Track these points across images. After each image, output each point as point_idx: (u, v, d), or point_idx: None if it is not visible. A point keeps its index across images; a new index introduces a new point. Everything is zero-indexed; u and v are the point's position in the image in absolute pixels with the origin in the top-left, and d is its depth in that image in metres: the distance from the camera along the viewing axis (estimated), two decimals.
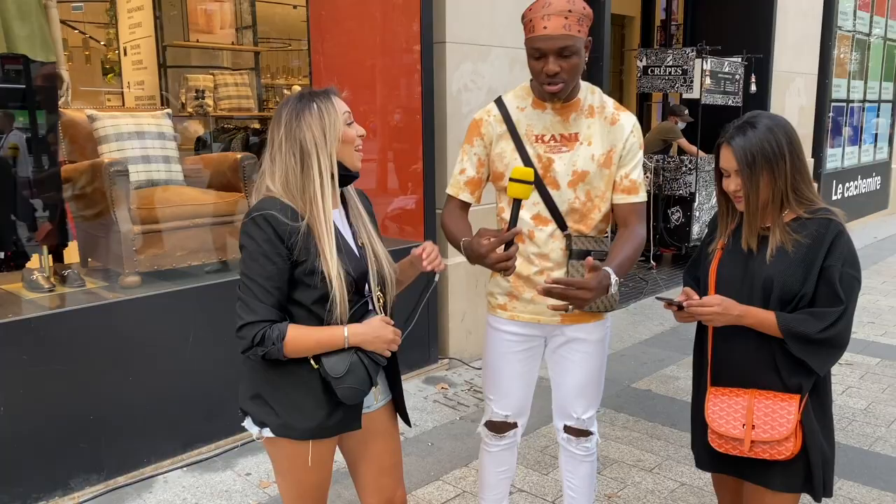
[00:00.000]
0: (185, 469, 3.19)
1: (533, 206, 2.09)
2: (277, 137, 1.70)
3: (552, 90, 1.97)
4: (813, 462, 1.84)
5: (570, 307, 1.93)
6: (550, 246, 2.11)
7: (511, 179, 1.84)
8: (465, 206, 2.22)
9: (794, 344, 1.79)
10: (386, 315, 1.84)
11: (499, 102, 2.15)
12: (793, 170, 1.83)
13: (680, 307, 1.87)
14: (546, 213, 2.09)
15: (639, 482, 3.11)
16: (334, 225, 1.72)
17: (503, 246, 1.85)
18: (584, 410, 2.25)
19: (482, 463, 2.43)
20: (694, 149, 7.06)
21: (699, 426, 2.02)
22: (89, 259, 3.63)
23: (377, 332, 1.74)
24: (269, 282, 1.66)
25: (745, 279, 1.87)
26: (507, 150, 2.10)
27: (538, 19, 1.92)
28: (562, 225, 2.10)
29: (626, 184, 2.10)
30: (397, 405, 1.97)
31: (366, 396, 1.79)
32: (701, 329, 2.02)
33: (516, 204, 1.85)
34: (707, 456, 2.01)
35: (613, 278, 1.90)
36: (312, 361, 1.72)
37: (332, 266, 1.68)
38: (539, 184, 2.07)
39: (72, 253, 3.69)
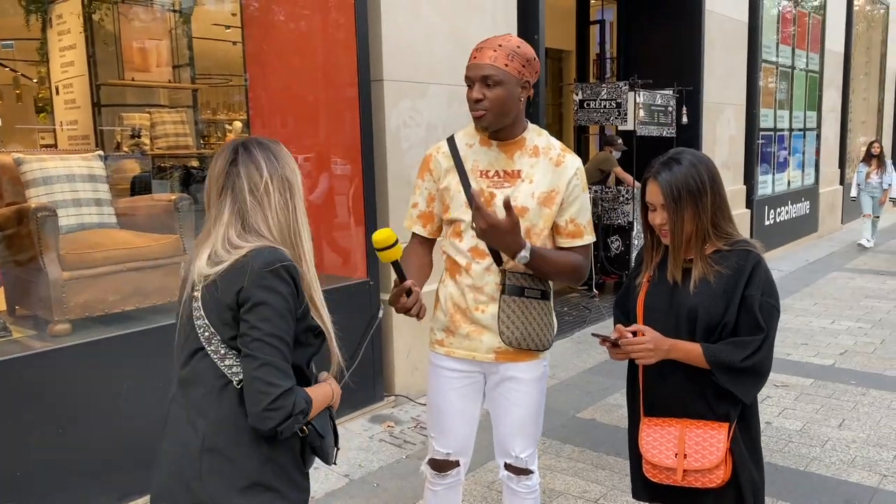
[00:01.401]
0: None
1: (471, 238, 2.13)
2: (260, 180, 1.55)
3: (475, 115, 2.07)
4: (744, 489, 1.89)
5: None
6: (485, 279, 2.14)
7: (377, 251, 1.88)
8: (424, 240, 2.28)
9: (719, 373, 1.84)
10: None
11: (450, 140, 2.23)
12: (713, 205, 1.90)
13: (615, 344, 1.91)
14: (483, 247, 2.12)
15: None
16: None
17: (406, 295, 1.96)
18: (523, 449, 2.26)
19: (426, 501, 2.42)
20: (629, 177, 7.26)
21: (634, 458, 2.05)
22: (17, 307, 3.51)
23: (335, 385, 1.67)
24: (290, 343, 1.50)
25: (670, 310, 1.93)
26: (453, 184, 2.16)
27: (474, 52, 2.07)
28: (497, 259, 2.12)
29: (571, 228, 2.16)
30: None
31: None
32: (632, 360, 2.05)
33: (395, 265, 1.92)
34: (642, 486, 2.04)
35: (526, 250, 1.99)
36: (302, 431, 1.58)
37: (326, 319, 1.60)
38: None
39: None
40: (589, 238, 2.19)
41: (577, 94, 7.23)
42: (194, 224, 3.70)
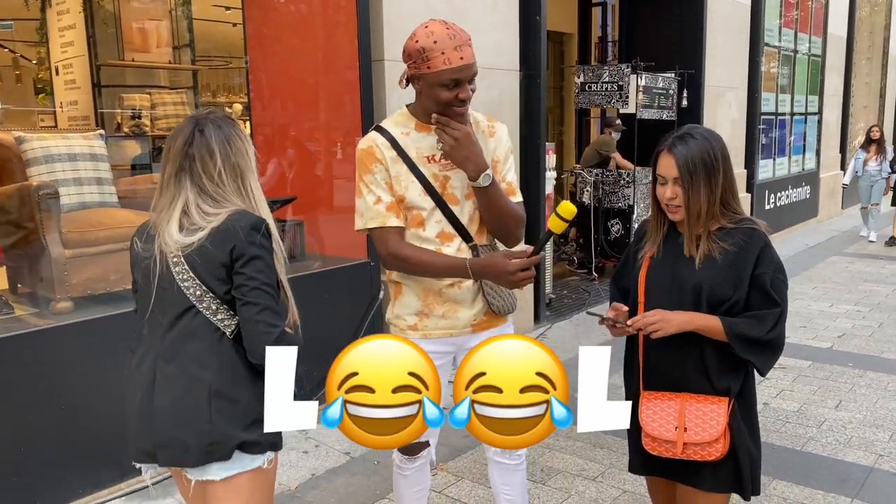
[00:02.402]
0: (123, 498, 3.11)
1: (435, 224, 2.13)
2: (214, 169, 1.74)
3: (461, 111, 2.07)
4: (741, 462, 1.91)
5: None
6: None
7: (556, 214, 1.92)
8: (401, 231, 2.14)
9: (740, 346, 1.85)
10: None
11: (380, 129, 2.16)
12: (724, 182, 1.91)
13: (615, 324, 1.92)
14: (450, 229, 2.14)
15: (582, 491, 3.16)
16: None
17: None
18: None
19: (397, 486, 2.43)
20: (628, 164, 7.26)
21: (633, 431, 2.06)
22: (19, 285, 3.52)
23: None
24: (277, 291, 1.71)
25: (673, 286, 1.93)
26: (402, 172, 2.11)
27: (451, 51, 1.98)
28: (466, 238, 2.16)
29: (504, 186, 2.20)
30: None
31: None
32: (632, 336, 2.07)
33: (548, 234, 2.01)
34: (640, 460, 2.06)
35: (490, 170, 2.05)
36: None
37: (283, 276, 1.79)
38: (440, 202, 2.12)
39: (0, 279, 3.57)
40: (520, 196, 2.24)
41: (578, 77, 7.21)
42: None
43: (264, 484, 1.78)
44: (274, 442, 1.74)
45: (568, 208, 1.91)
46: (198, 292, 1.70)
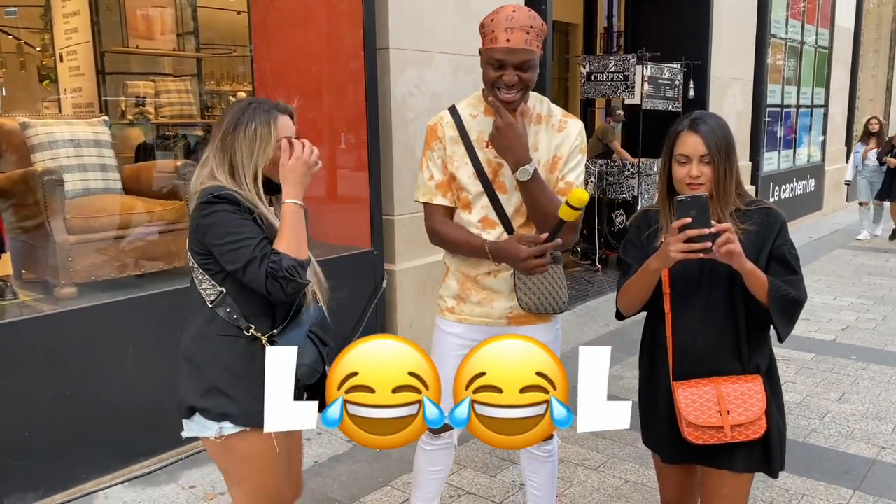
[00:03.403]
0: (126, 484, 3.12)
1: (481, 209, 2.14)
2: (215, 140, 1.81)
3: (508, 98, 2.02)
4: (772, 439, 1.90)
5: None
6: None
7: (568, 204, 1.89)
8: (447, 209, 2.21)
9: (779, 306, 1.82)
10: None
11: (452, 110, 2.19)
12: (737, 164, 1.92)
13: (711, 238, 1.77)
14: (494, 217, 2.13)
15: (584, 481, 3.16)
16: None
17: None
18: None
19: (417, 460, 2.44)
20: (627, 154, 7.25)
21: (659, 422, 2.00)
22: (24, 271, 3.53)
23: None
24: (254, 228, 1.74)
25: (703, 272, 1.90)
26: (458, 154, 2.14)
27: (501, 31, 1.97)
28: (509, 228, 2.13)
29: (562, 185, 2.14)
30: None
31: (321, 379, 1.80)
32: (652, 325, 2.04)
33: (561, 223, 1.95)
34: (677, 450, 1.98)
35: (531, 165, 2.01)
36: (266, 345, 1.76)
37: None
38: (488, 188, 2.12)
39: (5, 265, 3.58)
40: None
41: (584, 67, 7.18)
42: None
43: (244, 456, 1.82)
44: (225, 413, 1.78)
45: (578, 196, 1.88)
46: (190, 262, 1.84)
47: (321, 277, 1.96)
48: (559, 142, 2.13)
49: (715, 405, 1.84)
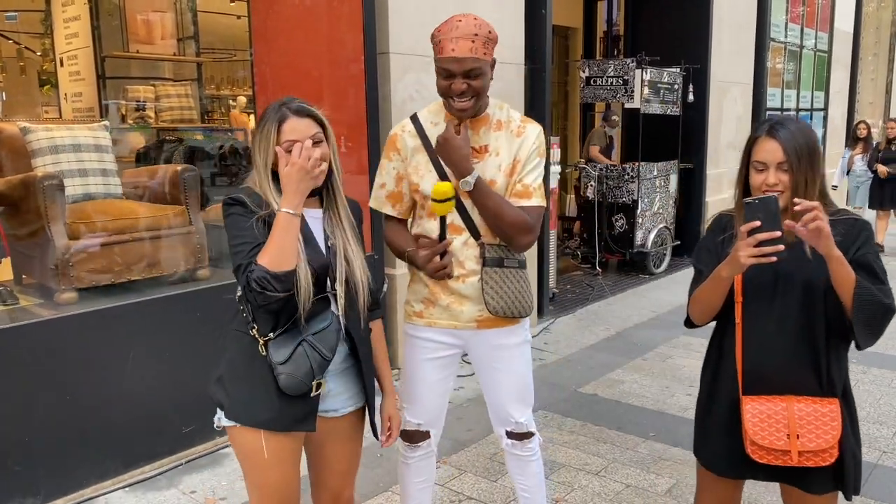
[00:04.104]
0: (126, 489, 3.12)
1: (448, 215, 2.15)
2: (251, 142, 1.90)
3: (461, 107, 2.06)
4: (846, 465, 1.81)
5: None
6: (465, 254, 2.16)
7: (433, 200, 1.95)
8: (398, 220, 2.28)
9: (865, 311, 1.71)
10: (342, 314, 1.89)
11: (413, 118, 2.22)
12: (821, 171, 1.81)
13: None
14: (459, 222, 2.15)
15: (585, 485, 3.16)
16: (304, 222, 1.81)
17: (439, 255, 2.04)
18: (521, 414, 2.30)
19: (401, 475, 2.45)
20: (602, 158, 7.29)
21: (717, 435, 1.93)
22: (23, 275, 3.52)
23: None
24: (254, 234, 1.75)
25: (777, 281, 1.82)
26: (422, 163, 2.16)
27: (447, 41, 2.00)
28: (475, 234, 2.15)
29: (519, 188, 2.14)
30: (370, 412, 2.02)
31: (311, 392, 1.80)
32: (721, 334, 1.96)
33: (442, 220, 1.99)
34: (730, 464, 1.92)
35: (472, 176, 2.03)
36: (261, 348, 1.78)
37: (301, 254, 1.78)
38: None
39: (5, 269, 3.58)
40: (536, 200, 2.13)
41: (583, 71, 7.19)
42: (199, 195, 3.70)
43: (240, 449, 1.85)
44: (221, 404, 1.83)
45: (437, 189, 1.94)
46: None
47: (360, 277, 1.90)
48: (518, 146, 2.15)
49: (784, 427, 1.75)
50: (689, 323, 1.99)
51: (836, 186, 9.26)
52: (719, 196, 8.08)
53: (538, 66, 5.30)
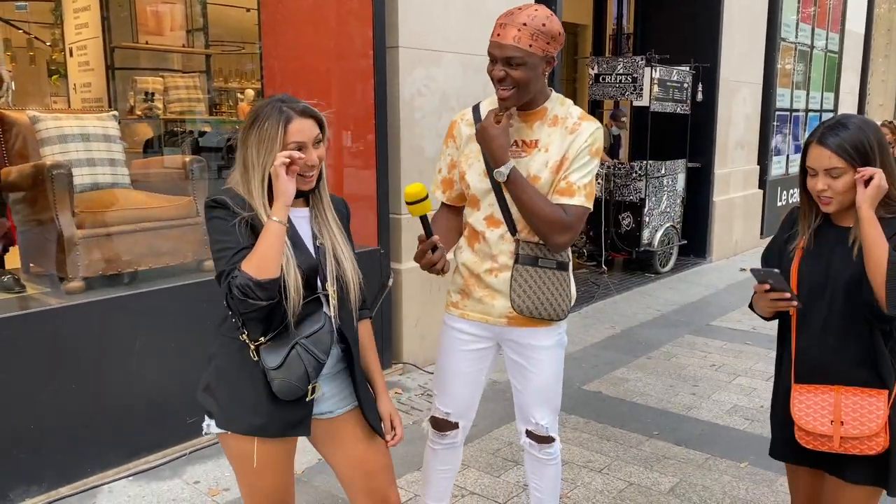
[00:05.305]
0: (130, 478, 3.13)
1: (487, 206, 2.15)
2: (238, 140, 1.79)
3: (501, 95, 2.03)
4: (892, 458, 1.83)
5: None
6: (500, 248, 2.14)
7: (407, 204, 1.92)
8: (448, 207, 2.30)
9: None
10: (334, 315, 1.83)
11: (474, 107, 2.22)
12: (884, 171, 1.81)
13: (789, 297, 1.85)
14: (499, 215, 2.13)
15: (588, 482, 3.16)
16: (290, 223, 1.75)
17: (432, 251, 1.99)
18: (542, 416, 2.28)
19: (426, 459, 2.47)
20: (606, 158, 7.28)
21: (780, 420, 2.02)
22: (31, 264, 3.54)
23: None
24: (236, 239, 1.70)
25: (828, 278, 1.88)
26: (473, 152, 2.16)
27: (497, 26, 2.01)
28: (512, 228, 2.12)
29: (562, 185, 2.07)
30: (364, 412, 1.91)
31: (306, 396, 1.76)
32: (784, 329, 2.02)
33: (422, 218, 1.96)
34: (788, 449, 2.00)
35: (506, 167, 2.01)
36: (253, 353, 1.73)
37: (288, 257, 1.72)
38: (495, 186, 2.11)
39: (12, 258, 3.59)
40: (579, 200, 2.06)
41: (592, 69, 7.17)
42: (207, 186, 3.71)
43: (233, 454, 1.83)
44: (210, 412, 1.80)
45: (407, 190, 1.91)
46: None
47: (351, 276, 1.86)
48: (570, 143, 2.09)
49: (829, 413, 1.83)
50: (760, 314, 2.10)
51: None
52: (726, 195, 8.05)
53: (555, 61, 5.28)
